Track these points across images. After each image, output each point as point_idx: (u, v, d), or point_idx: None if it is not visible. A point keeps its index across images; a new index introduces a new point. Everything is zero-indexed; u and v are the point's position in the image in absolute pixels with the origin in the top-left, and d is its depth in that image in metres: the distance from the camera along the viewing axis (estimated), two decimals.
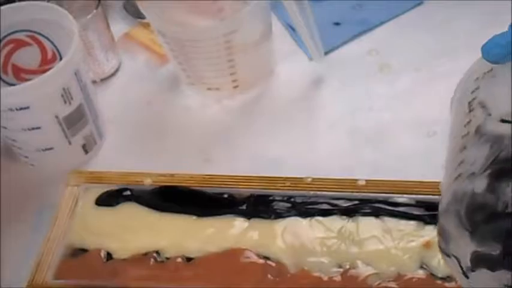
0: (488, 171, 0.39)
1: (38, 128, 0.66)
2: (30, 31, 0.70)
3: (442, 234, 0.43)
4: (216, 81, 0.76)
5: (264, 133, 0.73)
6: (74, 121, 0.68)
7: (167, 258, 0.62)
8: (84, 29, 0.74)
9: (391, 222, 0.62)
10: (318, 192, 0.65)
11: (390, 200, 0.63)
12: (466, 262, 0.41)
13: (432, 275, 0.58)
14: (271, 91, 0.78)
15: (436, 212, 0.62)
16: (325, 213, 0.63)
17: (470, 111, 0.45)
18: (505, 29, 0.43)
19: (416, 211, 0.62)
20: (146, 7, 0.73)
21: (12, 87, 0.63)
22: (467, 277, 0.42)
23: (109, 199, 0.66)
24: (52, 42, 0.71)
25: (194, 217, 0.64)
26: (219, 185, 0.66)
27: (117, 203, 0.66)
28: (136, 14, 0.85)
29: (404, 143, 0.70)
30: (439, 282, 0.58)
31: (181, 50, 0.73)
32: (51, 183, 0.69)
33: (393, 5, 0.84)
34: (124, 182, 0.68)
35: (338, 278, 0.59)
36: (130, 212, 0.65)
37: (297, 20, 0.72)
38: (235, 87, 0.76)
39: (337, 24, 0.83)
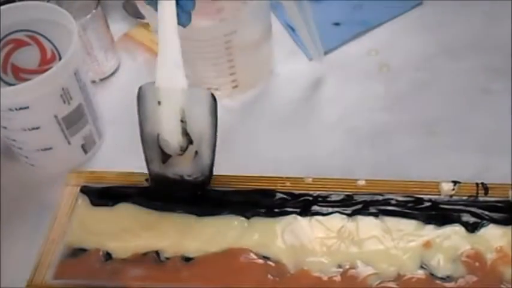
0: None
1: (38, 128, 0.66)
2: (30, 31, 0.70)
3: None
4: (215, 81, 0.76)
5: (264, 133, 0.73)
6: (74, 121, 0.68)
7: (167, 258, 0.62)
8: (84, 29, 0.74)
9: (390, 222, 0.62)
10: (319, 192, 0.65)
11: (389, 200, 0.63)
12: None
13: (432, 275, 0.58)
14: (270, 91, 0.78)
15: (436, 212, 0.62)
16: (325, 213, 0.63)
17: None
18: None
19: (416, 211, 0.62)
20: (145, 7, 0.73)
21: (11, 87, 0.63)
22: None
23: (108, 199, 0.66)
24: (51, 42, 0.71)
25: (194, 217, 0.64)
26: (219, 185, 0.66)
27: (117, 203, 0.66)
28: (135, 14, 0.85)
29: (404, 143, 0.70)
30: (438, 282, 0.58)
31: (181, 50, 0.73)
32: (51, 183, 0.69)
33: (393, 6, 0.84)
34: (123, 182, 0.68)
35: (338, 278, 0.59)
36: (130, 212, 0.65)
37: (297, 20, 0.72)
38: (235, 87, 0.76)
39: (336, 24, 0.84)
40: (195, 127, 0.61)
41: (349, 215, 0.63)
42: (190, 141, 0.62)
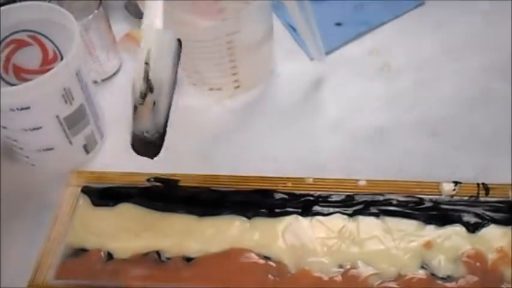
0: None
1: (39, 128, 0.66)
2: (32, 31, 0.70)
3: None
4: (217, 82, 0.76)
5: (265, 133, 0.73)
6: (75, 121, 0.68)
7: (168, 259, 0.62)
8: (86, 29, 0.75)
9: (391, 222, 0.62)
10: (320, 193, 0.65)
11: (390, 200, 0.63)
12: None
13: (432, 275, 0.59)
14: (272, 91, 0.78)
15: (437, 212, 0.62)
16: (326, 213, 0.63)
17: None
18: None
19: (416, 211, 0.62)
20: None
21: (13, 87, 0.63)
22: None
23: (110, 199, 0.66)
24: (53, 43, 0.71)
25: (195, 217, 0.64)
26: (220, 185, 0.66)
27: (118, 203, 0.66)
28: (137, 14, 0.85)
29: (404, 143, 0.70)
30: (439, 282, 0.58)
31: (183, 50, 0.73)
32: (52, 183, 0.69)
33: (394, 6, 0.84)
34: (125, 182, 0.68)
35: (339, 278, 0.59)
36: (131, 212, 0.65)
37: (299, 20, 0.72)
38: (237, 87, 0.76)
39: (338, 24, 0.84)
40: (157, 74, 0.58)
41: (350, 215, 0.63)
42: (151, 89, 0.58)
